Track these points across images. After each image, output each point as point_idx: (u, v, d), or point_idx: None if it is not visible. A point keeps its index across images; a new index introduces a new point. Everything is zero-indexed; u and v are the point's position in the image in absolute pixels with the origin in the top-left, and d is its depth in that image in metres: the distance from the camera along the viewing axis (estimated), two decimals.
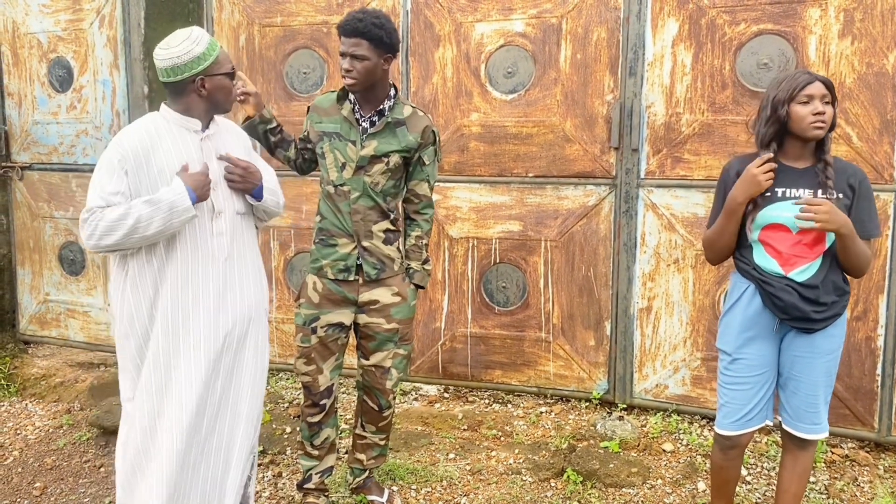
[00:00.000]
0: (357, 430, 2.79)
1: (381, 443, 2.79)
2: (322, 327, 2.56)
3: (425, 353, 3.88)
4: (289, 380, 4.06)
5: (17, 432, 3.62)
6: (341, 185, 2.51)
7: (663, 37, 3.34)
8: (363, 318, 2.58)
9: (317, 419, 2.66)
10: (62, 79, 4.36)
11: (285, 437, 3.41)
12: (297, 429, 3.35)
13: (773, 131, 2.19)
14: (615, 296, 3.55)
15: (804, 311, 2.16)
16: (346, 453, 3.12)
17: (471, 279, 3.76)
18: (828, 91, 2.14)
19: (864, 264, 2.17)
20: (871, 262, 2.21)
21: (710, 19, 3.26)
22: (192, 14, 4.12)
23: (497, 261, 3.72)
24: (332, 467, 2.77)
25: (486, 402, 3.76)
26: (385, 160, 2.49)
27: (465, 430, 3.50)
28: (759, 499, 2.89)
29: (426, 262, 2.67)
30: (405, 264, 2.64)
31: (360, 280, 2.55)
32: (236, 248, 2.30)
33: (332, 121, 2.53)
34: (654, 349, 3.52)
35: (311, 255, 2.62)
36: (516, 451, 3.27)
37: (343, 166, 2.50)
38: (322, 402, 2.63)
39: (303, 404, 2.67)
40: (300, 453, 2.75)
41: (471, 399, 3.80)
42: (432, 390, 3.89)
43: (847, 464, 3.12)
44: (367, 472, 2.82)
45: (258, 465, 3.19)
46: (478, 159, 3.68)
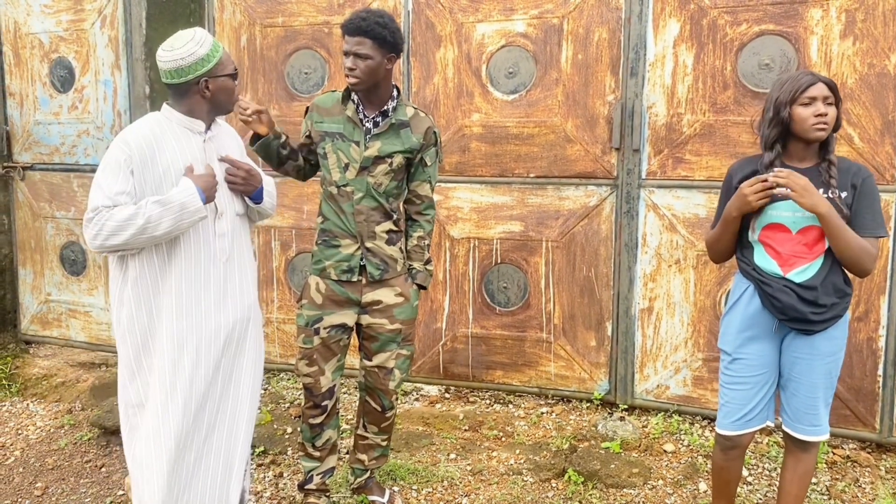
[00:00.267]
0: (359, 431, 2.79)
1: (383, 443, 2.79)
2: (325, 328, 2.56)
3: (426, 354, 3.88)
4: (290, 380, 4.06)
5: (19, 432, 3.63)
6: (344, 186, 2.50)
7: (664, 37, 3.34)
8: (366, 319, 2.58)
9: (318, 420, 2.65)
10: (64, 79, 4.37)
11: (286, 437, 3.41)
12: (298, 429, 3.35)
13: (776, 133, 2.19)
14: (616, 296, 3.55)
15: (802, 312, 2.15)
16: (347, 454, 3.12)
17: (472, 279, 3.76)
18: (831, 92, 2.13)
19: (861, 259, 2.12)
20: (876, 259, 2.18)
21: (711, 20, 3.25)
22: (194, 14, 4.12)
23: (498, 261, 3.72)
24: (333, 468, 2.78)
25: (487, 402, 3.76)
26: (389, 161, 2.49)
27: (466, 430, 3.50)
28: (760, 500, 2.89)
29: (428, 262, 2.67)
30: (407, 265, 2.64)
31: (364, 281, 2.55)
32: (236, 249, 2.31)
33: (334, 121, 2.52)
34: (655, 350, 3.51)
35: (313, 257, 2.62)
36: (517, 451, 3.27)
37: (346, 167, 2.49)
38: (324, 404, 2.63)
39: (304, 405, 2.67)
40: (301, 454, 2.75)
41: (472, 399, 3.80)
42: (433, 390, 3.89)
43: (848, 465, 3.12)
44: (369, 472, 2.82)
45: (259, 466, 3.20)
46: (479, 160, 3.68)
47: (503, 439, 3.40)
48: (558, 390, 3.70)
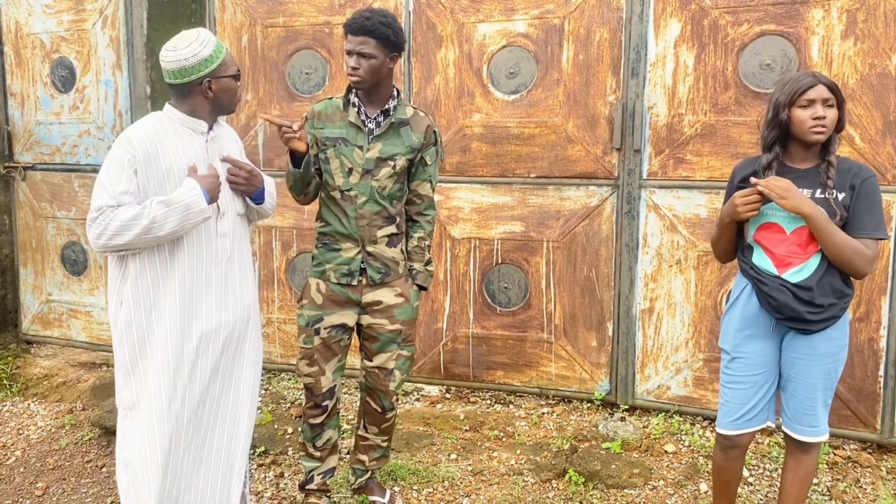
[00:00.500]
0: (359, 431, 2.79)
1: (384, 444, 2.79)
2: (325, 328, 2.56)
3: (427, 354, 3.88)
4: (290, 380, 4.06)
5: (20, 432, 3.63)
6: (348, 191, 2.49)
7: (665, 37, 3.34)
8: (366, 320, 2.58)
9: (319, 420, 2.65)
10: (65, 79, 4.37)
11: (287, 437, 3.41)
12: (299, 429, 3.35)
13: (776, 135, 2.20)
14: (617, 297, 3.55)
15: (798, 311, 2.15)
16: (347, 454, 3.13)
17: (473, 280, 3.76)
18: (831, 94, 2.12)
19: (853, 260, 2.10)
20: (874, 262, 2.17)
21: (712, 20, 3.25)
22: (195, 14, 4.12)
23: (499, 261, 3.72)
24: (334, 468, 2.78)
25: (488, 402, 3.76)
26: (392, 163, 2.49)
27: (466, 430, 3.50)
28: (761, 500, 2.89)
29: (429, 262, 2.67)
30: (408, 265, 2.64)
31: (364, 281, 2.55)
32: (236, 249, 2.31)
33: (335, 126, 2.50)
34: (655, 350, 3.51)
35: (313, 259, 2.61)
36: (518, 451, 3.27)
37: (350, 171, 2.48)
38: (324, 404, 2.63)
39: (305, 406, 2.67)
40: (302, 454, 2.75)
41: (472, 400, 3.80)
42: (434, 391, 3.89)
43: (849, 465, 3.12)
44: (369, 472, 2.82)
45: (260, 466, 3.20)
46: (480, 160, 3.68)
47: (504, 440, 3.40)
48: (559, 391, 3.70)
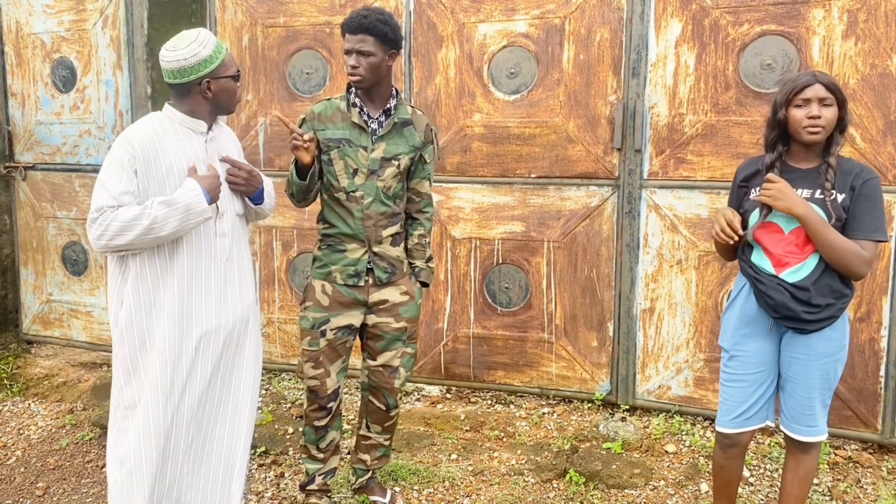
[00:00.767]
0: (361, 431, 2.78)
1: (386, 443, 2.79)
2: (331, 330, 2.55)
3: (428, 354, 3.88)
4: (291, 380, 4.06)
5: (20, 432, 3.63)
6: (353, 192, 2.48)
7: (666, 37, 3.33)
8: (372, 319, 2.58)
9: (323, 422, 2.64)
10: (65, 79, 4.37)
11: (287, 437, 3.41)
12: (301, 431, 3.35)
13: (776, 134, 2.21)
14: (618, 297, 3.54)
15: (795, 310, 2.14)
16: (348, 454, 3.12)
17: (473, 280, 3.76)
18: (829, 93, 2.11)
19: (848, 261, 2.09)
20: (871, 264, 2.16)
21: (713, 20, 3.25)
22: (196, 14, 4.12)
23: (500, 261, 3.71)
24: (335, 468, 2.77)
25: (489, 402, 3.76)
26: (396, 163, 2.49)
27: (467, 430, 3.50)
28: (761, 500, 2.89)
29: (430, 259, 2.68)
30: (409, 263, 2.64)
31: (371, 281, 2.55)
32: (235, 249, 2.31)
33: (337, 128, 2.49)
34: (656, 350, 3.51)
35: (316, 261, 2.59)
36: (518, 451, 3.27)
37: (355, 172, 2.47)
38: (329, 406, 2.62)
39: (308, 408, 2.65)
40: (305, 456, 2.74)
41: (473, 400, 3.79)
42: (434, 391, 3.89)
43: (850, 465, 3.11)
44: (370, 472, 2.82)
45: (260, 466, 3.20)
46: (480, 160, 3.68)
47: (504, 440, 3.40)
48: (560, 391, 3.70)
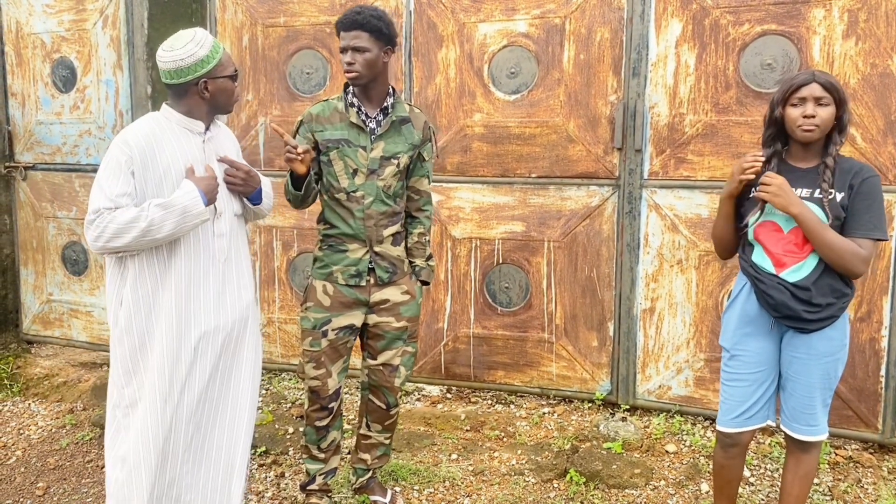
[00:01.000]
0: (362, 430, 2.78)
1: (386, 442, 2.79)
2: (333, 330, 2.54)
3: (428, 354, 3.87)
4: (291, 380, 4.06)
5: (20, 432, 3.63)
6: (354, 192, 2.48)
7: (667, 37, 3.33)
8: (373, 318, 2.58)
9: (325, 423, 2.64)
10: (65, 79, 4.37)
11: (287, 437, 3.41)
12: (301, 431, 3.35)
13: (772, 133, 2.21)
14: (618, 296, 3.54)
15: (795, 310, 2.14)
16: (348, 454, 3.12)
17: (474, 280, 3.76)
18: (826, 92, 2.10)
19: (845, 259, 2.09)
20: (869, 263, 2.16)
21: (713, 20, 3.25)
22: (196, 14, 4.12)
23: (500, 261, 3.71)
24: (335, 468, 2.77)
25: (489, 402, 3.76)
26: (396, 162, 2.49)
27: (467, 430, 3.50)
28: (762, 500, 2.89)
29: (430, 258, 2.69)
30: (409, 261, 2.64)
31: (372, 281, 2.55)
32: (233, 249, 2.31)
33: (336, 128, 2.48)
34: (657, 350, 3.51)
35: (317, 261, 2.59)
36: (519, 451, 3.27)
37: (355, 172, 2.47)
38: (330, 406, 2.62)
39: (309, 408, 2.64)
40: (306, 457, 2.74)
41: (473, 400, 3.79)
42: (435, 391, 3.89)
43: (851, 465, 3.11)
44: (371, 472, 2.82)
45: (260, 466, 3.19)
46: (481, 160, 3.68)
47: (505, 440, 3.40)
48: (560, 390, 3.69)
